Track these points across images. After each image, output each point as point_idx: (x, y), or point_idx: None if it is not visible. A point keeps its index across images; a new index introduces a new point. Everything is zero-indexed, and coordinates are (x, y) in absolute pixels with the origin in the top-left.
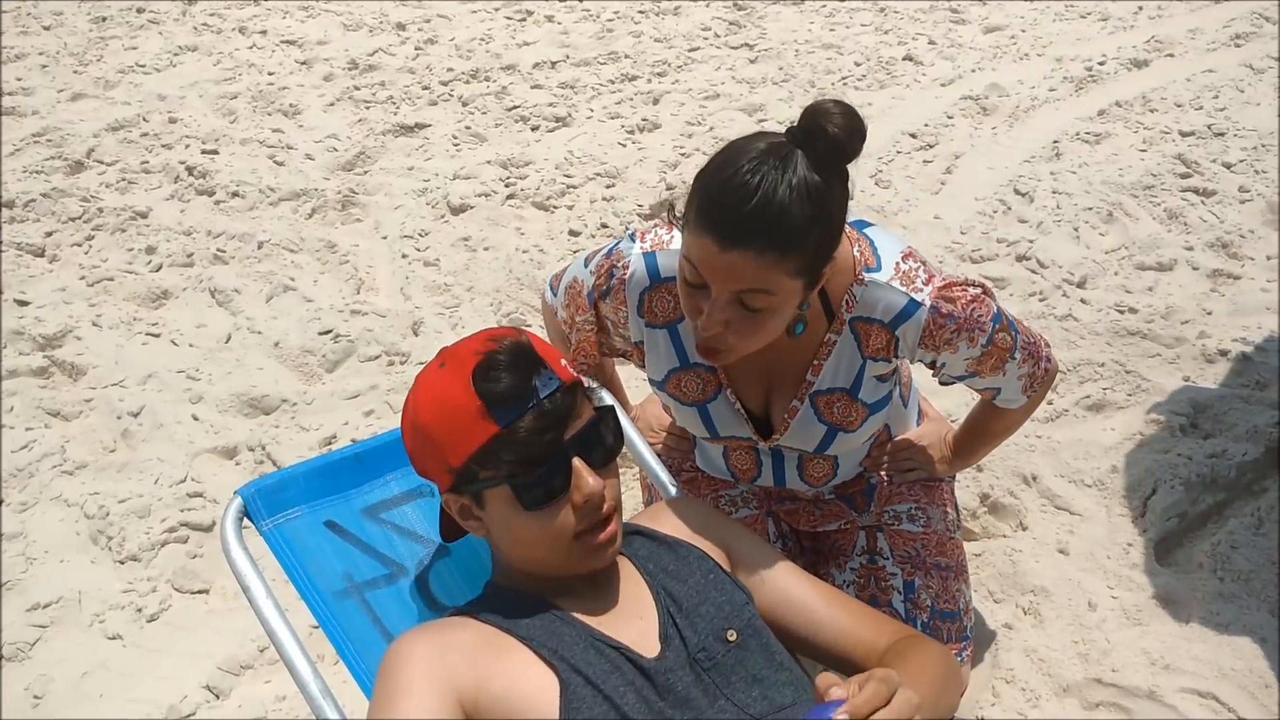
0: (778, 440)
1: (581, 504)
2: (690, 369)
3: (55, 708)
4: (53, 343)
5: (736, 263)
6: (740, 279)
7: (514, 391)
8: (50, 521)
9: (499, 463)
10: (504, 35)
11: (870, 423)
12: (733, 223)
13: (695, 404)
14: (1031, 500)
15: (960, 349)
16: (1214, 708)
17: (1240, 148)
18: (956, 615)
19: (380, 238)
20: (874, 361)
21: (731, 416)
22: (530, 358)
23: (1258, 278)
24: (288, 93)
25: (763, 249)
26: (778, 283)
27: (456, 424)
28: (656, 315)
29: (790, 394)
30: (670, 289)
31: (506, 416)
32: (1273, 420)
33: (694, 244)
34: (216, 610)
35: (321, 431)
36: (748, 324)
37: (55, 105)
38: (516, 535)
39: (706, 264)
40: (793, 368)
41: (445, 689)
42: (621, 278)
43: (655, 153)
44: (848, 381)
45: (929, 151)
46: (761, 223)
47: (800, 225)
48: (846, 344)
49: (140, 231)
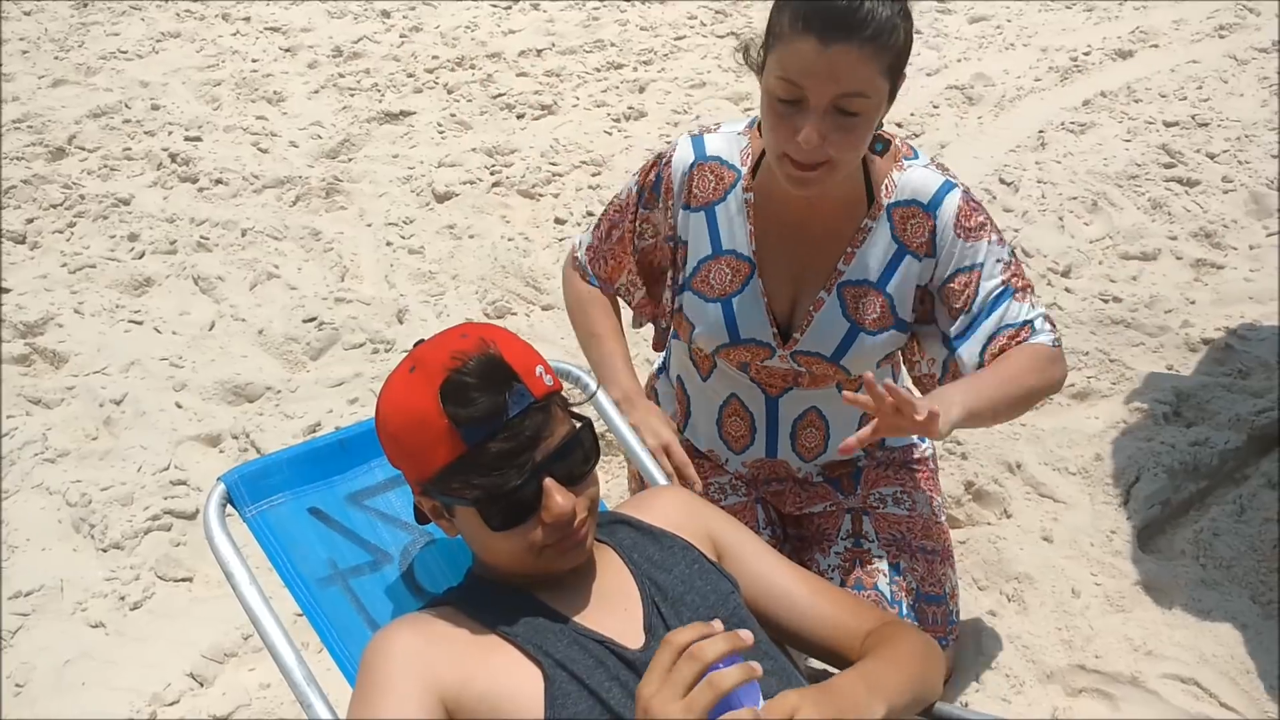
0: (797, 342)
1: (551, 524)
2: (722, 256)
3: (37, 696)
4: (34, 330)
5: (838, 60)
6: (841, 78)
7: (483, 413)
8: (32, 510)
9: (466, 483)
10: (489, 23)
11: (892, 335)
12: (830, 19)
13: (721, 298)
14: (1016, 488)
15: (990, 239)
16: (1195, 693)
17: (1224, 138)
18: (942, 599)
19: (365, 225)
20: (912, 256)
21: (756, 312)
22: (502, 373)
23: (1240, 267)
24: (272, 80)
25: (864, 41)
26: (873, 82)
27: (423, 438)
28: (696, 196)
29: (818, 287)
30: (714, 168)
31: (475, 436)
32: (1255, 409)
33: (790, 54)
34: (200, 598)
35: (306, 419)
36: (845, 134)
37: (36, 91)
38: (483, 545)
39: (807, 69)
40: (824, 259)
41: (426, 687)
42: (669, 161)
43: (641, 141)
44: (876, 274)
45: (915, 141)
46: (856, 15)
47: (890, 19)
48: (882, 232)
49: (123, 219)
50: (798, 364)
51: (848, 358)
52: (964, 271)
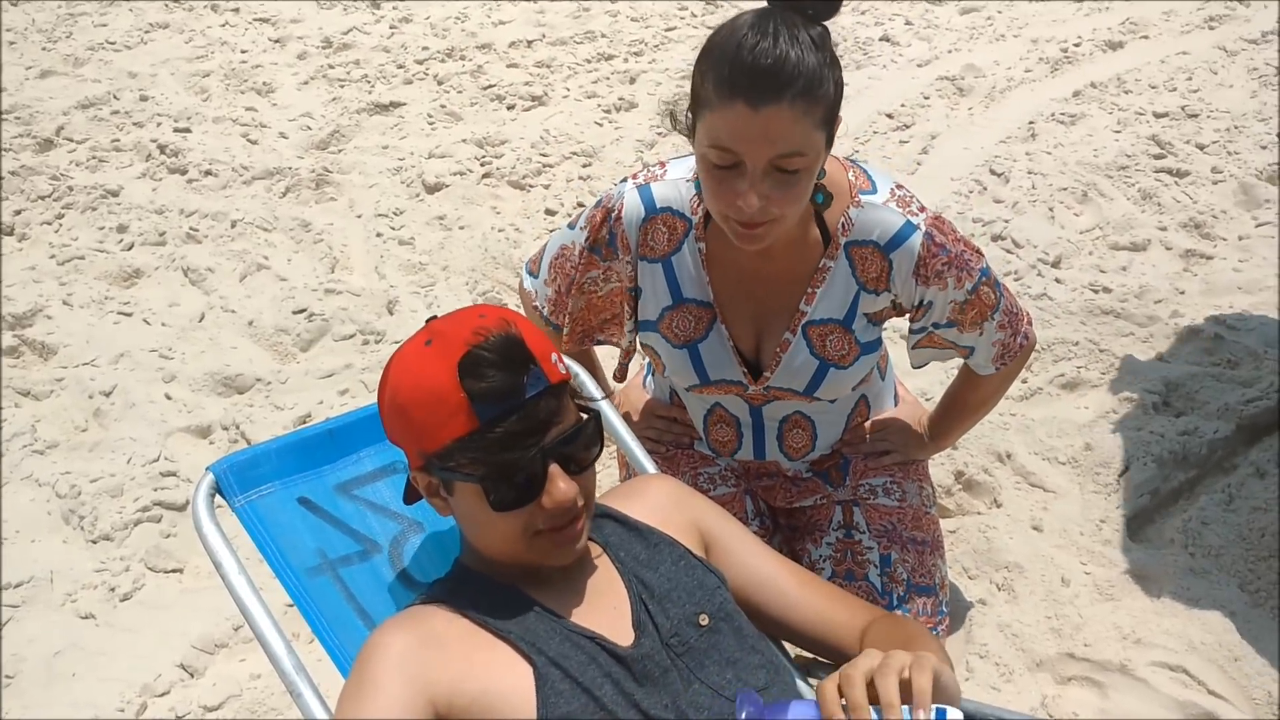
0: (768, 380)
1: (551, 509)
2: (683, 305)
3: (27, 687)
4: (23, 322)
5: (771, 122)
6: (776, 139)
7: (501, 390)
8: (21, 501)
9: (474, 459)
10: (479, 14)
11: (862, 363)
12: (757, 80)
13: (686, 344)
14: (1005, 477)
15: (948, 286)
16: (1184, 680)
17: (1213, 129)
18: (932, 590)
19: (355, 216)
20: (866, 293)
21: (723, 354)
22: (521, 354)
23: (1230, 258)
24: (261, 71)
25: (795, 97)
26: (809, 138)
27: (436, 411)
28: (652, 249)
29: (783, 328)
30: (665, 219)
31: (489, 413)
32: (1244, 398)
33: (720, 119)
34: (190, 589)
35: (296, 410)
36: (786, 190)
37: (24, 82)
38: (480, 526)
39: (739, 134)
40: (785, 300)
41: (418, 688)
42: (619, 216)
43: (632, 132)
44: (840, 312)
45: (905, 132)
46: (787, 73)
47: (816, 71)
48: (841, 271)
49: (111, 210)
50: (771, 397)
51: (821, 389)
52: (918, 306)
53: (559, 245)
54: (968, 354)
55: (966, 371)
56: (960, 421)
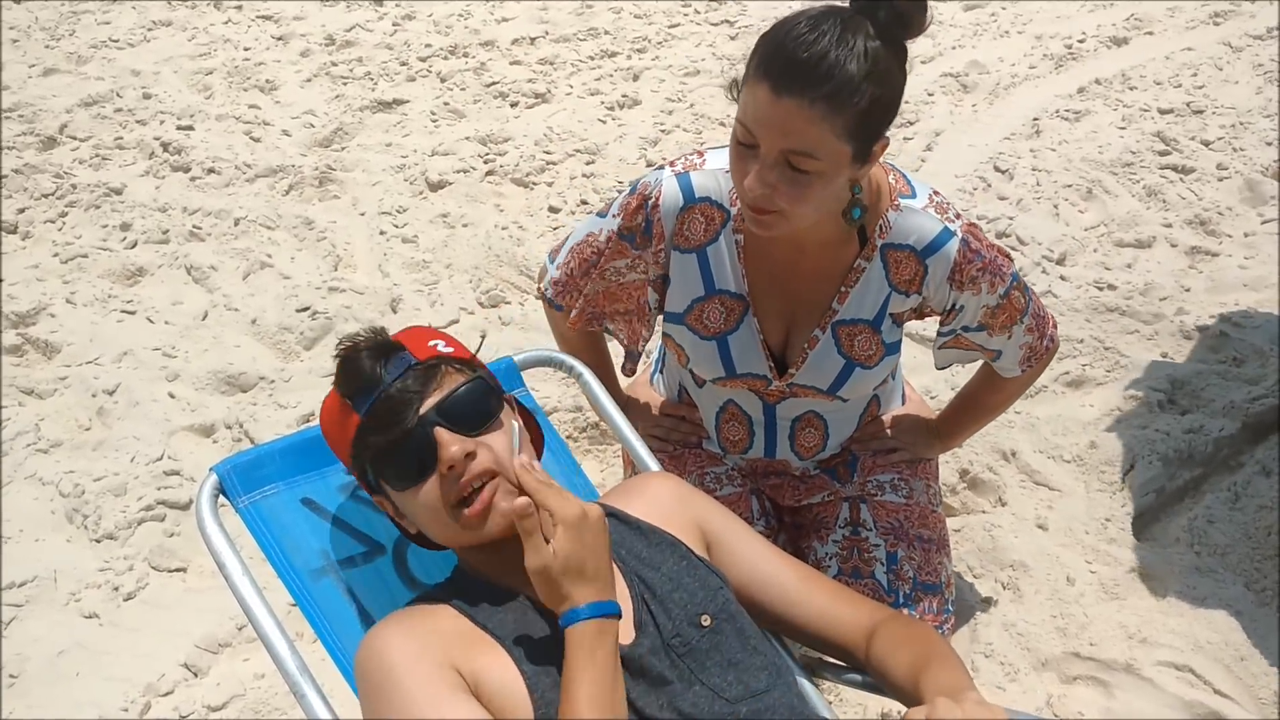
0: (793, 376)
1: (446, 472)
2: (714, 296)
3: (30, 687)
4: (26, 320)
5: (787, 113)
6: (789, 133)
7: (364, 382)
8: (25, 500)
9: (368, 450)
10: (483, 11)
11: (886, 363)
12: (787, 69)
13: (715, 336)
14: (1011, 476)
15: (981, 292)
16: (1190, 680)
17: (1218, 125)
18: (938, 588)
19: (358, 214)
20: (897, 294)
21: (752, 348)
22: (383, 345)
23: (1235, 255)
24: (264, 68)
25: (816, 98)
26: (825, 143)
27: (333, 423)
28: (688, 239)
29: (813, 325)
30: (704, 209)
31: (363, 404)
32: (1249, 396)
33: (748, 96)
34: (194, 589)
35: (299, 409)
36: (794, 188)
37: (27, 80)
38: (417, 518)
39: (758, 117)
40: (818, 297)
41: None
42: (656, 204)
43: (635, 129)
44: (871, 313)
45: (910, 129)
46: (815, 71)
47: (852, 80)
48: (875, 272)
49: (115, 208)
50: (794, 394)
51: (845, 389)
52: (949, 310)
53: (585, 232)
54: (994, 357)
55: (988, 372)
56: (975, 421)
